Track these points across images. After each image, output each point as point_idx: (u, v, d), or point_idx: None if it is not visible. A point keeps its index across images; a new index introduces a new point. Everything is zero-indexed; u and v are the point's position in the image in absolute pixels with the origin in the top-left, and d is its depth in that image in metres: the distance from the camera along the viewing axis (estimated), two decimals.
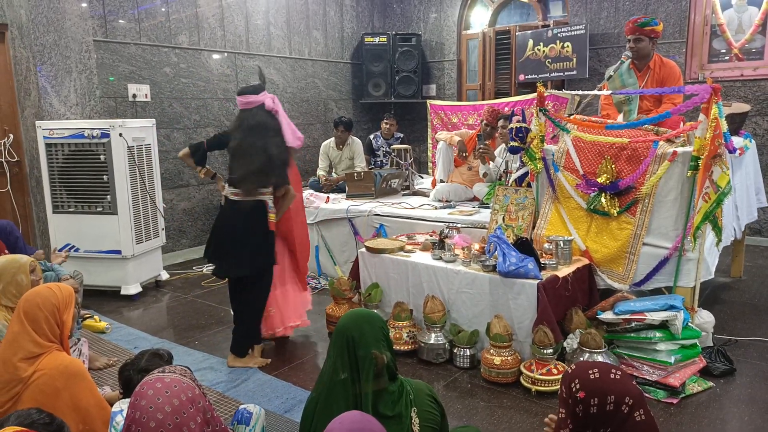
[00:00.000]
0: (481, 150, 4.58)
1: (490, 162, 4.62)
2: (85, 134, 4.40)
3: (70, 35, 4.83)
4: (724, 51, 5.71)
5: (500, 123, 4.64)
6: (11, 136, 4.81)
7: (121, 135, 4.40)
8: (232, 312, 3.47)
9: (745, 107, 4.39)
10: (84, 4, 4.91)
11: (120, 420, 1.80)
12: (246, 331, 3.35)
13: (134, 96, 5.34)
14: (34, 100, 4.75)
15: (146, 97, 5.43)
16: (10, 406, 2.03)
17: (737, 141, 3.71)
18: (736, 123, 4.13)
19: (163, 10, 5.53)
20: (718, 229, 3.17)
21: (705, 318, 3.20)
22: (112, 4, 5.13)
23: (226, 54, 6.14)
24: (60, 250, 4.23)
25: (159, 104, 5.57)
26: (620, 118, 3.90)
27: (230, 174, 3.25)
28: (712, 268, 3.42)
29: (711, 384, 2.92)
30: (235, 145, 3.18)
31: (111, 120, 4.64)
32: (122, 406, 1.90)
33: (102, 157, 4.41)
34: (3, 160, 4.78)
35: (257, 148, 3.11)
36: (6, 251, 3.25)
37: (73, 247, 4.57)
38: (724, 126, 3.01)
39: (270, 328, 3.54)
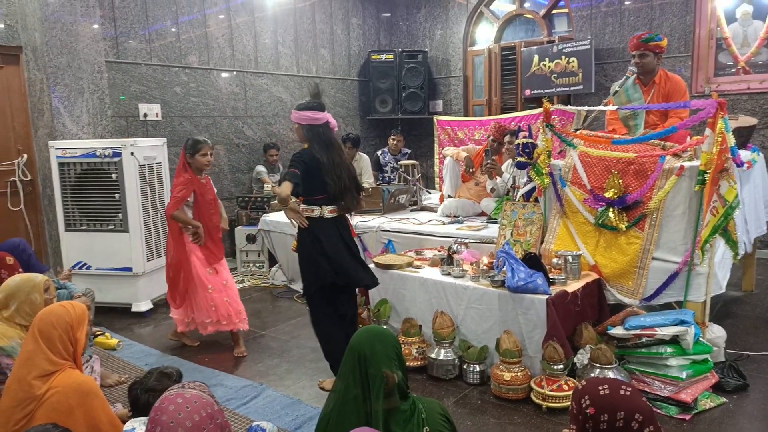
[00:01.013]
0: (488, 166, 4.61)
1: (498, 177, 4.64)
2: (97, 153, 4.46)
3: (83, 57, 4.92)
4: (730, 64, 5.73)
5: (506, 138, 4.67)
6: (25, 155, 4.89)
7: (132, 154, 4.46)
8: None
9: (752, 120, 4.39)
10: (96, 26, 5.01)
11: None
12: None
13: (145, 115, 5.42)
14: (47, 120, 4.84)
15: (157, 116, 5.51)
16: (24, 424, 2.05)
17: (745, 154, 3.71)
18: (744, 136, 4.13)
19: (173, 30, 5.64)
20: (732, 243, 3.16)
21: (716, 333, 3.18)
22: (123, 26, 5.24)
23: (234, 73, 6.23)
24: (72, 268, 4.27)
25: (169, 123, 5.65)
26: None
27: (320, 192, 3.07)
28: (723, 282, 3.40)
29: (724, 400, 2.90)
30: (330, 163, 3.06)
31: (122, 139, 4.71)
32: (134, 424, 1.91)
33: (114, 175, 4.47)
34: (17, 179, 4.86)
35: (346, 164, 3.15)
36: (20, 270, 3.29)
37: (85, 264, 4.61)
38: (731, 140, 3.02)
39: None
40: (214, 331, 3.79)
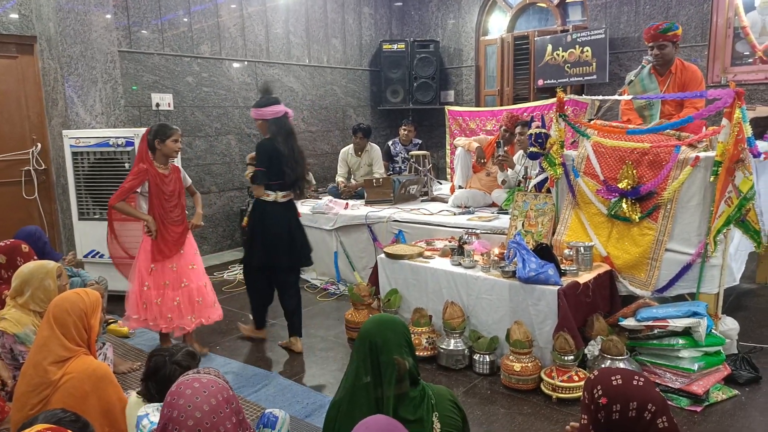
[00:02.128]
0: (500, 158, 4.58)
1: (509, 169, 4.62)
2: (110, 143, 4.49)
3: (96, 46, 4.95)
4: (747, 54, 5.63)
5: (518, 130, 4.63)
6: (39, 145, 4.94)
7: None
8: (281, 302, 3.74)
9: None
10: (109, 16, 5.03)
11: (146, 423, 1.83)
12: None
13: (158, 105, 5.44)
14: (61, 109, 4.88)
15: (169, 106, 5.53)
16: (39, 408, 2.08)
17: (762, 145, 3.65)
18: (761, 127, 4.07)
19: (186, 20, 5.64)
20: (755, 232, 3.13)
21: (729, 325, 3.15)
22: (136, 15, 5.25)
23: (246, 63, 6.23)
24: (85, 257, 4.31)
25: (182, 113, 5.67)
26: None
27: (278, 179, 3.49)
28: (737, 275, 3.37)
29: (736, 392, 2.87)
30: (288, 152, 3.47)
31: (135, 129, 4.73)
32: (148, 410, 1.93)
33: (126, 164, 4.50)
34: (31, 168, 4.91)
35: (301, 151, 3.57)
36: (35, 257, 3.33)
37: (98, 253, 4.66)
38: (748, 131, 2.97)
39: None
40: (140, 327, 3.55)
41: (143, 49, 5.33)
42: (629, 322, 3.02)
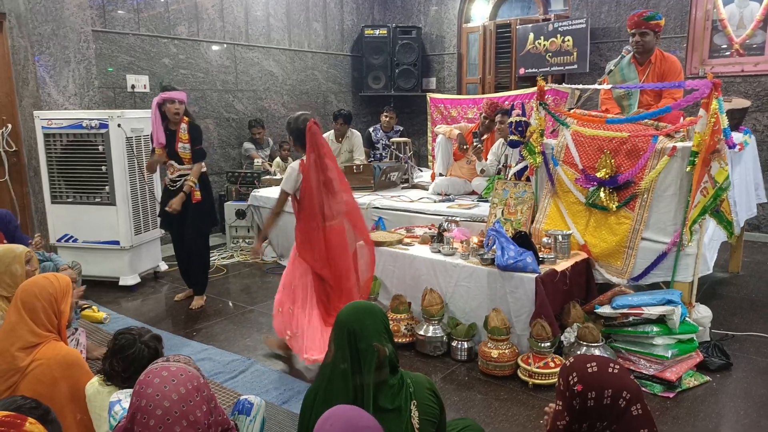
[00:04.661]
0: (478, 147, 4.59)
1: (487, 158, 4.62)
2: (84, 125, 4.38)
3: (69, 25, 4.80)
4: (725, 46, 5.69)
5: (498, 118, 4.63)
6: (9, 125, 4.79)
7: (119, 126, 4.38)
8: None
9: (745, 103, 4.38)
10: None
11: (118, 409, 1.80)
12: None
13: (133, 87, 5.31)
14: (32, 89, 4.73)
15: (145, 88, 5.41)
16: (7, 395, 2.02)
17: (737, 137, 3.71)
18: (737, 118, 4.12)
19: (162, 0, 5.50)
20: (727, 223, 3.17)
21: (702, 313, 3.21)
22: None
23: (225, 45, 6.11)
24: (59, 241, 4.21)
25: (157, 95, 5.53)
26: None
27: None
28: (711, 264, 3.42)
29: (707, 378, 2.94)
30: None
31: (109, 110, 4.62)
32: (120, 396, 1.89)
33: (100, 147, 4.40)
34: (1, 150, 4.76)
35: None
36: (5, 241, 3.24)
37: (72, 237, 4.56)
38: (725, 121, 3.00)
39: (291, 346, 3.18)
40: None
41: (118, 29, 5.19)
42: (605, 310, 3.06)
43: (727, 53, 5.68)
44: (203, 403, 1.42)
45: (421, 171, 6.12)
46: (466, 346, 3.23)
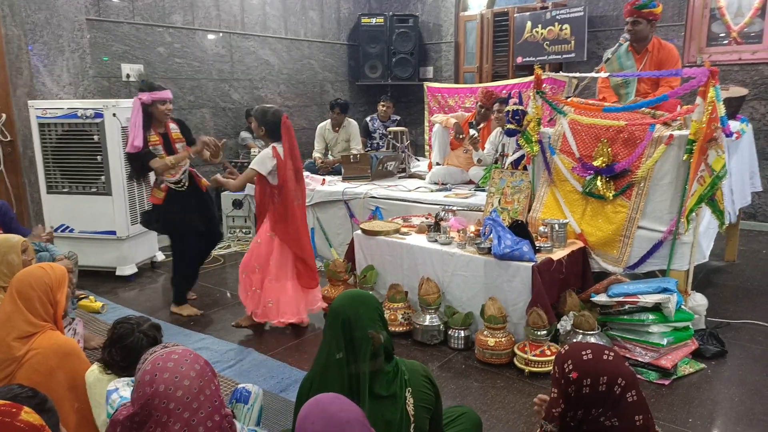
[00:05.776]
0: (474, 137, 4.57)
1: (483, 147, 4.61)
2: (79, 114, 4.35)
3: (63, 13, 4.75)
4: (723, 35, 5.67)
5: (496, 107, 4.61)
6: (3, 115, 4.75)
7: (114, 115, 4.36)
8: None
9: (742, 91, 4.37)
10: None
11: (116, 398, 1.80)
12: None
13: (128, 76, 5.28)
14: (26, 79, 4.69)
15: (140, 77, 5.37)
16: (3, 385, 2.03)
17: (734, 125, 3.70)
18: (734, 107, 4.11)
19: None
20: (719, 213, 3.18)
21: (698, 301, 3.22)
22: None
23: (221, 34, 6.07)
24: (55, 231, 4.20)
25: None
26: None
27: None
28: (707, 252, 3.43)
29: (703, 366, 2.95)
30: None
31: (105, 100, 4.59)
32: (117, 384, 1.89)
33: (96, 137, 4.38)
34: None
35: None
36: (1, 231, 3.23)
37: (68, 227, 4.55)
38: (721, 110, 3.00)
39: (265, 316, 3.53)
40: None
41: (112, 17, 5.14)
42: (601, 298, 3.07)
43: (725, 41, 5.66)
44: (214, 377, 1.43)
45: (418, 160, 6.11)
46: (462, 335, 3.24)
